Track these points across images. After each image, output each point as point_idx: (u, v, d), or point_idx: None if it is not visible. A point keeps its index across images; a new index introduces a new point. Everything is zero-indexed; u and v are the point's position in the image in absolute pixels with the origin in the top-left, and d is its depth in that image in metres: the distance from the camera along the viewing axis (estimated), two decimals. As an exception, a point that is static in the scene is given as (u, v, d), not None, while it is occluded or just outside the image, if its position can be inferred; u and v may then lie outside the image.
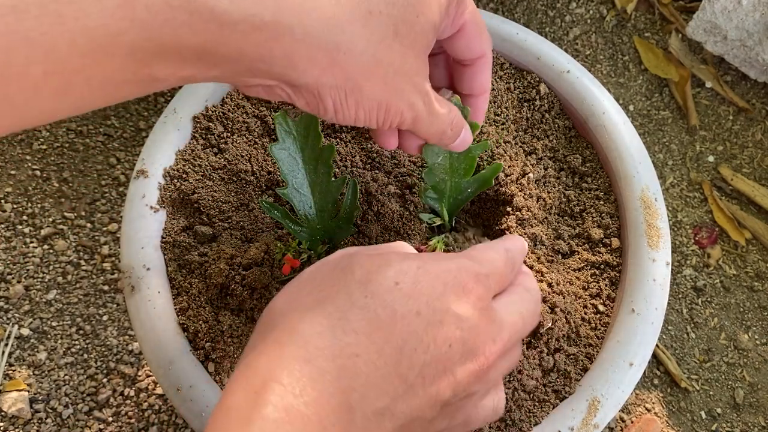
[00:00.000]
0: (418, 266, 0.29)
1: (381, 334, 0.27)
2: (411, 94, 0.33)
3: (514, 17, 0.78)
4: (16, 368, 0.60)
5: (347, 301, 0.27)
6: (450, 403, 0.29)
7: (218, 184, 0.46)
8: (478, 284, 0.30)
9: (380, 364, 0.26)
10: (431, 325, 0.28)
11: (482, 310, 0.29)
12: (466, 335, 0.28)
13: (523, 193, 0.46)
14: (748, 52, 0.72)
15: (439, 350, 0.28)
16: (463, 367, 0.28)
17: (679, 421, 0.61)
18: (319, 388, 0.25)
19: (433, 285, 0.29)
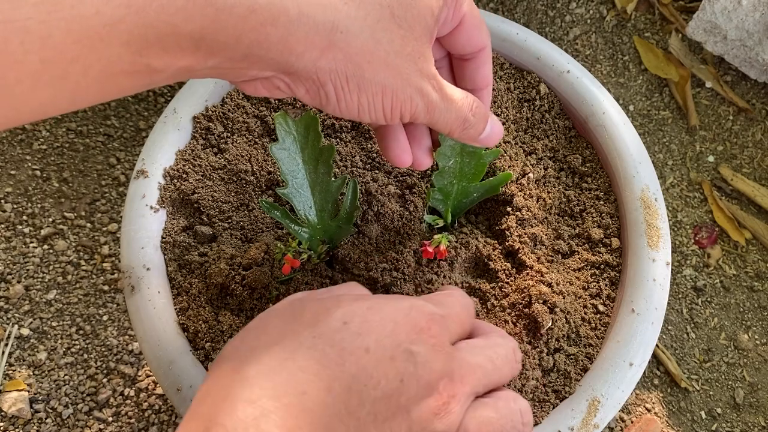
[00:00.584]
0: (368, 306, 0.28)
1: (329, 372, 0.26)
2: (417, 78, 0.32)
3: (514, 17, 0.78)
4: (16, 368, 0.60)
5: (294, 342, 0.27)
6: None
7: (218, 184, 0.46)
8: (432, 323, 0.29)
9: (329, 401, 0.25)
10: (381, 361, 0.27)
11: (436, 347, 0.28)
12: (419, 371, 0.27)
13: (523, 193, 0.46)
14: (748, 52, 0.72)
15: (391, 386, 0.27)
16: (418, 404, 0.27)
17: (679, 421, 0.61)
18: (264, 429, 0.24)
19: (383, 323, 0.28)
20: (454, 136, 0.35)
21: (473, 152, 0.42)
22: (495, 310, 0.43)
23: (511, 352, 0.32)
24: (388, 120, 0.33)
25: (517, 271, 0.44)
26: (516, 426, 0.31)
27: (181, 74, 0.27)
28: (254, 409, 0.24)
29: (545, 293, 0.41)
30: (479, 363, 0.30)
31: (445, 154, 0.41)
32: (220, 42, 0.26)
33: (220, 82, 0.49)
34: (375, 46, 0.30)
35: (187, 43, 0.26)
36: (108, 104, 0.72)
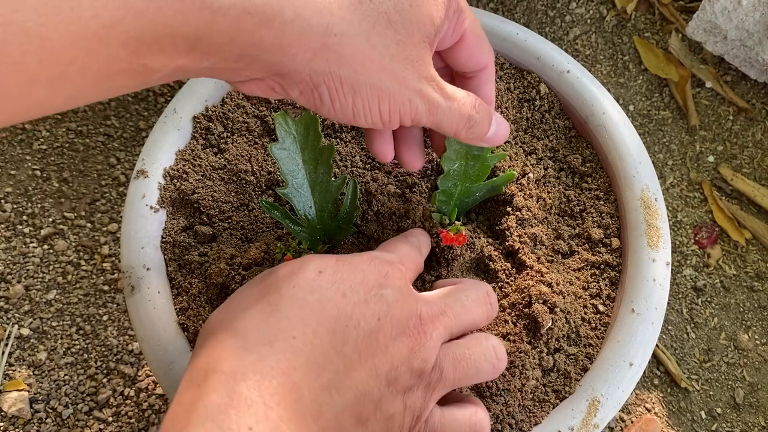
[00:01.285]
0: (336, 260, 0.31)
1: (313, 317, 0.28)
2: (416, 80, 0.32)
3: (514, 17, 0.78)
4: (16, 368, 0.60)
5: (276, 295, 0.29)
6: (394, 380, 0.29)
7: (218, 184, 0.46)
8: (392, 268, 0.32)
9: (317, 342, 0.27)
10: (358, 304, 0.29)
11: (402, 289, 0.31)
12: (392, 310, 0.30)
13: (523, 193, 0.46)
14: (748, 52, 0.72)
15: (370, 325, 0.29)
16: (394, 341, 0.30)
17: (679, 421, 0.61)
18: (261, 372, 0.25)
19: (353, 272, 0.30)
20: (461, 136, 0.35)
21: (478, 155, 0.42)
22: (495, 310, 0.43)
23: (483, 294, 0.35)
24: (386, 124, 0.33)
25: (517, 271, 0.44)
26: (489, 360, 0.33)
27: (177, 74, 0.28)
28: (251, 355, 0.26)
29: (545, 293, 0.41)
30: (447, 305, 0.33)
31: (450, 158, 0.41)
32: (216, 43, 0.27)
33: (220, 82, 0.49)
34: (370, 50, 0.30)
35: (183, 45, 0.26)
36: (108, 104, 0.72)
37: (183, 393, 0.25)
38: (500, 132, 0.37)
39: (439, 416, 0.32)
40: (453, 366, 0.32)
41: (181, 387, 0.26)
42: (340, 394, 0.27)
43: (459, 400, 0.35)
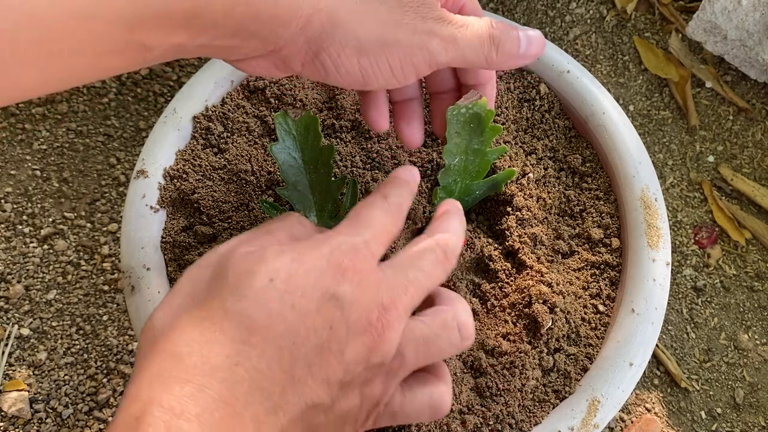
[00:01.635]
0: (292, 259, 0.28)
1: (259, 338, 0.26)
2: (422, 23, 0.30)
3: (514, 17, 0.78)
4: (16, 368, 0.60)
5: (221, 310, 0.27)
6: (349, 382, 0.28)
7: (218, 184, 0.46)
8: (355, 258, 0.29)
9: (262, 367, 0.26)
10: (308, 315, 0.27)
11: (361, 283, 0.28)
12: (347, 313, 0.28)
13: (523, 193, 0.46)
14: (748, 52, 0.72)
15: (320, 337, 0.27)
16: (351, 345, 0.28)
17: (679, 421, 0.61)
18: (201, 405, 0.24)
19: (308, 273, 0.28)
20: (493, 62, 0.32)
21: (478, 149, 0.42)
22: (495, 310, 0.43)
23: (441, 254, 0.32)
24: (401, 80, 0.31)
25: (517, 271, 0.44)
26: (453, 342, 0.31)
27: (173, 52, 0.27)
28: (190, 387, 0.24)
29: (545, 293, 0.41)
30: (408, 279, 0.30)
31: (450, 152, 0.41)
32: (211, 18, 0.26)
33: (220, 82, 0.49)
34: (365, 5, 0.29)
35: (178, 20, 0.25)
36: (108, 104, 0.72)
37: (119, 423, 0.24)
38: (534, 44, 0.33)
39: (399, 398, 0.31)
40: (415, 351, 0.30)
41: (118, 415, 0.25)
42: (286, 414, 0.26)
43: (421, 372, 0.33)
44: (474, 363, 0.41)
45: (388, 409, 0.31)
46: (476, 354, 0.41)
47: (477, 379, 0.40)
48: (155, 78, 0.74)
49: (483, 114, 0.39)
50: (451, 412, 0.39)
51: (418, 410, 0.31)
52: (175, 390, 0.24)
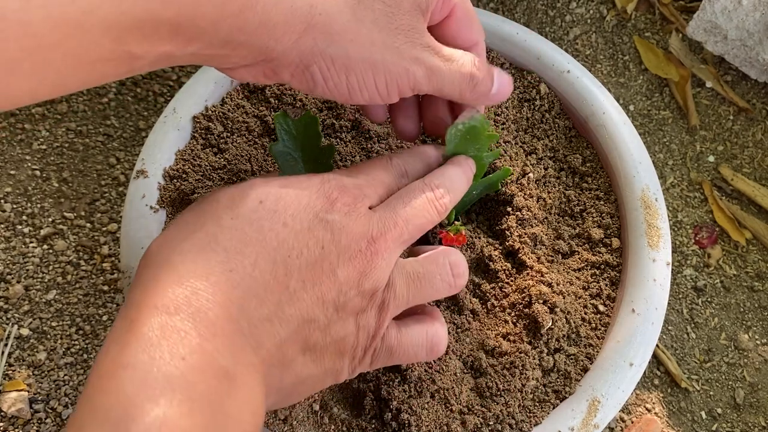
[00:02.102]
0: (280, 185, 0.29)
1: (252, 248, 0.27)
2: (410, 48, 0.31)
3: (514, 17, 0.78)
4: (15, 368, 0.60)
5: (215, 226, 0.28)
6: (343, 305, 0.29)
7: (218, 184, 0.46)
8: (344, 193, 0.30)
9: (256, 275, 0.27)
10: (300, 233, 0.28)
11: (350, 214, 0.30)
12: (337, 237, 0.29)
13: (523, 193, 0.46)
14: (749, 52, 0.72)
15: (313, 254, 0.28)
16: (342, 267, 0.29)
17: (680, 421, 0.61)
18: (196, 305, 0.25)
19: (298, 198, 0.29)
20: (466, 97, 0.34)
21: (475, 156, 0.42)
22: (495, 310, 0.43)
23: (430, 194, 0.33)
24: (384, 98, 0.32)
25: (518, 271, 0.44)
26: (445, 279, 0.33)
27: (162, 61, 0.28)
28: (184, 289, 0.25)
29: (545, 293, 0.41)
30: (397, 214, 0.31)
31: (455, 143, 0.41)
32: (199, 28, 0.26)
33: (220, 81, 0.49)
34: (358, 24, 0.30)
35: (166, 29, 0.26)
36: (108, 104, 0.72)
37: (116, 328, 0.25)
38: (504, 87, 0.36)
39: (395, 333, 0.32)
40: (406, 285, 0.31)
41: (116, 321, 0.25)
42: (282, 324, 0.27)
43: (417, 312, 0.34)
44: (474, 363, 0.41)
45: (385, 344, 0.31)
46: (476, 354, 0.41)
47: (477, 379, 0.40)
48: (155, 78, 0.74)
49: (479, 126, 0.39)
50: (451, 412, 0.39)
51: (415, 346, 0.32)
52: (168, 293, 0.25)
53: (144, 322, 0.24)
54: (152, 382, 0.22)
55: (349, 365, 0.31)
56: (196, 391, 0.23)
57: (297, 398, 0.30)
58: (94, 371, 0.24)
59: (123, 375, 0.22)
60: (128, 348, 0.23)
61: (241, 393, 0.24)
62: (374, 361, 0.32)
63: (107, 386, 0.22)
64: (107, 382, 0.23)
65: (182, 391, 0.22)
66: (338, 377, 0.31)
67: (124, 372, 0.22)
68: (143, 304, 0.25)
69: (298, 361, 0.28)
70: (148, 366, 0.23)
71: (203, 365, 0.23)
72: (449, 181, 0.34)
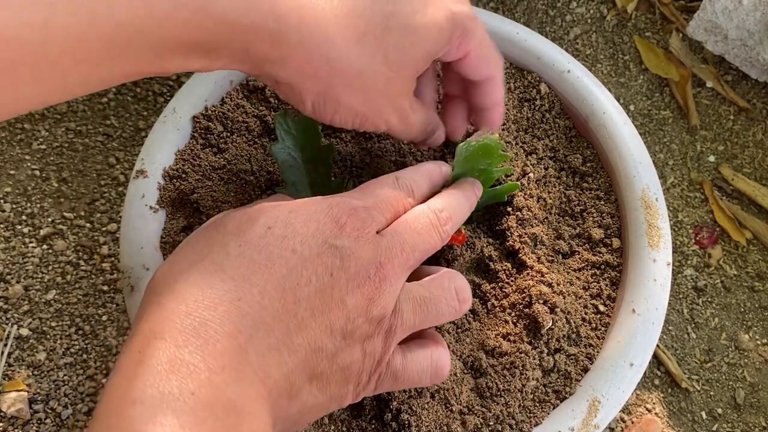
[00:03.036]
0: (289, 210, 0.30)
1: (260, 276, 0.27)
2: (389, 112, 0.36)
3: (514, 17, 0.78)
4: (15, 368, 0.60)
5: (222, 253, 0.28)
6: (351, 333, 0.29)
7: (218, 184, 0.46)
8: (353, 217, 0.30)
9: (265, 303, 0.27)
10: (309, 259, 0.28)
11: (360, 239, 0.30)
12: (346, 263, 0.29)
13: (523, 193, 0.46)
14: (749, 52, 0.72)
15: (322, 281, 0.28)
16: (351, 294, 0.29)
17: (680, 421, 0.61)
18: (204, 336, 0.25)
19: (306, 224, 0.29)
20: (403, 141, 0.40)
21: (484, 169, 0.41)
22: (495, 310, 0.43)
23: (434, 218, 0.34)
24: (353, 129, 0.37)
25: (518, 271, 0.44)
26: (450, 304, 0.33)
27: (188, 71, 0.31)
28: (192, 320, 0.25)
29: (545, 293, 0.41)
30: (404, 240, 0.32)
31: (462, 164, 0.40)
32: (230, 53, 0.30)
33: (220, 81, 0.49)
34: (359, 83, 0.33)
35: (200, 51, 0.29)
36: (107, 104, 0.72)
37: (124, 359, 0.25)
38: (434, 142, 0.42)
39: (400, 358, 0.32)
40: (413, 310, 0.32)
41: (123, 353, 0.25)
42: (290, 354, 0.27)
43: (419, 337, 0.35)
44: (474, 363, 0.40)
45: (390, 370, 0.32)
46: (476, 354, 0.41)
47: (477, 379, 0.40)
48: (155, 77, 0.74)
49: (492, 144, 0.39)
50: (451, 412, 0.39)
51: (419, 371, 0.33)
52: (176, 324, 0.25)
53: (152, 354, 0.24)
54: (161, 419, 0.22)
55: (353, 391, 0.31)
56: (205, 427, 0.23)
57: (302, 426, 0.30)
58: (102, 406, 0.24)
59: (132, 412, 0.22)
60: (136, 382, 0.23)
61: (249, 426, 0.24)
62: (378, 386, 0.32)
63: (116, 424, 0.23)
64: (116, 420, 0.23)
65: (191, 427, 0.22)
66: (342, 402, 0.31)
67: (133, 409, 0.23)
68: (151, 335, 0.25)
69: (305, 390, 0.28)
70: (157, 402, 0.23)
71: (212, 400, 0.23)
72: (453, 207, 0.35)
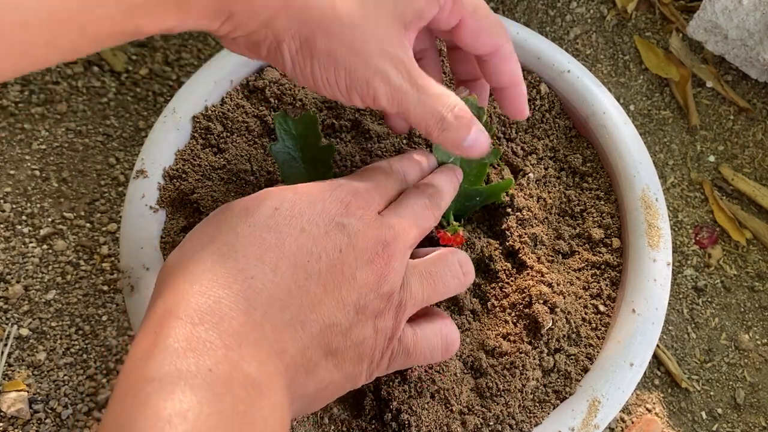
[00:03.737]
0: (294, 192, 0.30)
1: (272, 254, 0.27)
2: (379, 59, 0.30)
3: (515, 17, 0.78)
4: (15, 368, 0.60)
5: (231, 234, 0.28)
6: (363, 308, 0.29)
7: (218, 184, 0.46)
8: (356, 197, 0.31)
9: (277, 280, 0.27)
10: (318, 237, 0.29)
11: (364, 218, 0.30)
12: (354, 240, 0.29)
13: (523, 193, 0.46)
14: (749, 52, 0.72)
15: (331, 257, 0.28)
16: (361, 270, 0.29)
17: (680, 421, 0.61)
18: (219, 314, 0.25)
19: (312, 204, 0.29)
20: (433, 136, 0.33)
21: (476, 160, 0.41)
22: (495, 310, 0.43)
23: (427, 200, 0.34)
24: (347, 101, 0.32)
25: (518, 272, 0.44)
26: (455, 276, 0.34)
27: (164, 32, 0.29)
28: (207, 299, 0.25)
29: (546, 293, 0.41)
30: (407, 220, 0.32)
31: (444, 151, 0.40)
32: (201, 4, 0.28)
33: (220, 81, 0.49)
34: (334, 16, 0.29)
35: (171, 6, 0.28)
36: (107, 104, 0.72)
37: (140, 340, 0.25)
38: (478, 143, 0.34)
39: (411, 334, 0.32)
40: (420, 284, 0.32)
41: (139, 334, 0.25)
42: (305, 329, 0.27)
43: (426, 314, 0.35)
44: (474, 363, 0.40)
45: (402, 346, 0.32)
46: (476, 354, 0.41)
47: (477, 379, 0.40)
48: (155, 77, 0.74)
49: (474, 112, 0.38)
50: (451, 412, 0.38)
51: (431, 347, 0.33)
52: (191, 303, 0.25)
53: (168, 333, 0.24)
54: (180, 396, 0.22)
55: (367, 369, 0.31)
56: (223, 404, 0.23)
57: (319, 405, 0.30)
58: (119, 386, 0.23)
59: (150, 389, 0.22)
60: (153, 361, 0.23)
61: (268, 402, 0.24)
62: (391, 363, 0.32)
63: (133, 402, 0.22)
64: (133, 398, 0.22)
65: (210, 404, 0.22)
66: (357, 382, 0.31)
67: (151, 386, 0.22)
68: (166, 315, 0.25)
69: (321, 366, 0.28)
70: (175, 379, 0.22)
71: (230, 376, 0.23)
72: (441, 189, 0.36)
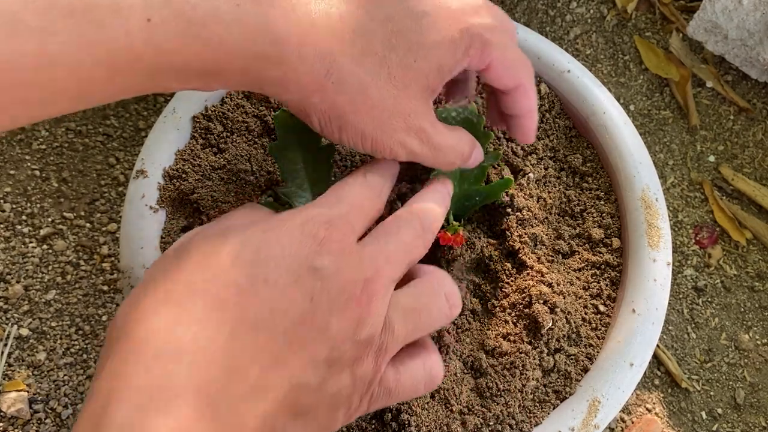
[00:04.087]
0: (262, 230, 0.27)
1: (229, 315, 0.24)
2: (402, 133, 0.32)
3: (515, 17, 0.78)
4: (15, 368, 0.60)
5: (185, 290, 0.25)
6: (337, 360, 0.26)
7: (218, 184, 0.46)
8: (331, 229, 0.28)
9: (236, 346, 0.24)
10: (285, 288, 0.25)
11: (341, 253, 0.27)
12: (328, 284, 0.26)
13: (523, 193, 0.46)
14: (749, 52, 0.72)
15: (300, 309, 0.25)
16: (335, 318, 0.26)
17: (680, 421, 0.61)
18: (168, 394, 0.22)
19: (280, 245, 0.26)
20: None
21: None
22: (495, 310, 0.43)
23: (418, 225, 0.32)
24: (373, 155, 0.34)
25: (518, 272, 0.44)
26: (442, 310, 0.31)
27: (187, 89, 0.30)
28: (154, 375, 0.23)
29: (546, 293, 0.41)
30: (390, 250, 0.29)
31: None
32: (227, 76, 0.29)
33: (220, 81, 0.49)
34: (363, 100, 0.31)
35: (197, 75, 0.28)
36: (107, 104, 0.72)
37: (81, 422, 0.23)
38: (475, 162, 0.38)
39: (393, 373, 0.30)
40: (404, 322, 0.29)
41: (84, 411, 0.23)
42: (268, 397, 0.25)
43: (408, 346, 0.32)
44: (474, 363, 0.40)
45: (383, 388, 0.29)
46: (476, 354, 0.41)
47: (477, 379, 0.40)
48: (155, 78, 0.74)
49: (475, 120, 0.38)
50: (451, 412, 0.38)
51: (414, 383, 0.31)
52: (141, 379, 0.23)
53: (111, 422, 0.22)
54: None
55: (344, 414, 0.29)
56: None
57: None
58: None
59: None
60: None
61: None
62: (371, 405, 0.30)
63: None
64: None
65: None
66: (333, 428, 0.29)
67: None
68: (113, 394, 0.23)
69: (289, 429, 0.26)
70: None
71: None
72: (434, 212, 0.33)
